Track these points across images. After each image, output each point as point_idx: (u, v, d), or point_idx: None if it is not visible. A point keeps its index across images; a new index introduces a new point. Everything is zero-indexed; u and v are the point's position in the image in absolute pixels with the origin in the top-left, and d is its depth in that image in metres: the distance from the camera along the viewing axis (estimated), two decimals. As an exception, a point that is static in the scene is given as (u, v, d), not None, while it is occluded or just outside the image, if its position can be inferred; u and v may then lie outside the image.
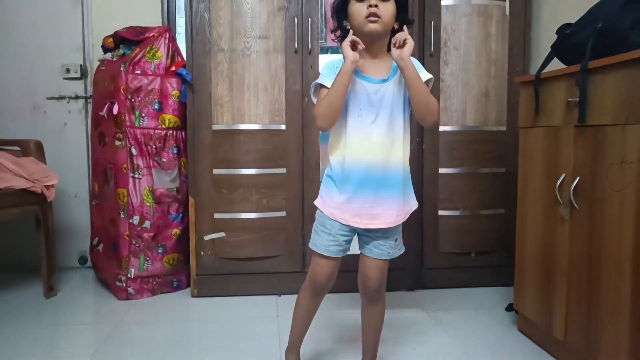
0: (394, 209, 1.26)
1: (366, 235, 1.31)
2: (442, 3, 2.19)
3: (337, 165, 1.26)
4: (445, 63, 2.21)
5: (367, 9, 1.18)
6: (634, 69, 1.20)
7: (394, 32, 1.24)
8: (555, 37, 1.64)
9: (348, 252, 1.33)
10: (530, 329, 1.74)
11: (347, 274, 1.40)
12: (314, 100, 1.30)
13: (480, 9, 2.19)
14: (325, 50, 2.25)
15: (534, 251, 1.67)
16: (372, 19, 1.18)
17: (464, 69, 2.21)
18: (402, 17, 1.25)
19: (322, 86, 1.25)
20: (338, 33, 1.31)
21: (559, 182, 1.47)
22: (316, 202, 1.32)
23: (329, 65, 1.27)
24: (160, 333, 1.83)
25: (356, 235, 1.33)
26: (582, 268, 1.41)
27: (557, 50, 1.58)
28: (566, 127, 1.46)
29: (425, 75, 1.25)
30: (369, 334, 1.42)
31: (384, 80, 1.24)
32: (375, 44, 1.25)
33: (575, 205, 1.41)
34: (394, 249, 1.32)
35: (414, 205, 1.32)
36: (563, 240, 1.49)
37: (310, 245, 1.32)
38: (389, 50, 1.26)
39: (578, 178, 1.40)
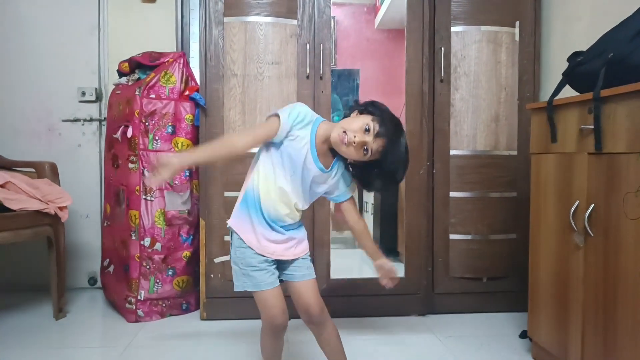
0: (298, 246, 1.38)
1: (284, 265, 1.36)
2: (452, 30, 2.23)
3: (265, 199, 1.30)
4: (455, 88, 2.23)
5: (352, 133, 1.22)
6: (648, 98, 1.20)
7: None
8: (564, 64, 1.66)
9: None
10: (545, 357, 1.71)
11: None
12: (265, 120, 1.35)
13: (490, 36, 2.22)
14: (335, 75, 2.29)
15: (547, 278, 1.65)
16: (344, 141, 1.23)
17: (474, 94, 2.23)
18: (361, 174, 1.35)
19: (276, 116, 1.29)
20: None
21: (572, 209, 1.47)
22: (231, 223, 1.37)
23: (304, 113, 1.30)
24: (169, 357, 1.81)
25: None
26: (598, 297, 1.39)
27: (569, 78, 1.59)
28: (579, 155, 1.46)
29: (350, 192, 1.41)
30: (336, 357, 1.42)
31: (324, 171, 1.32)
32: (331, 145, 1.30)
33: (590, 233, 1.40)
34: (311, 269, 1.39)
35: (307, 245, 1.43)
36: (578, 268, 1.48)
37: (246, 289, 1.33)
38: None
39: (592, 205, 1.39)
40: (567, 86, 1.63)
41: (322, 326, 1.38)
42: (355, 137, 1.22)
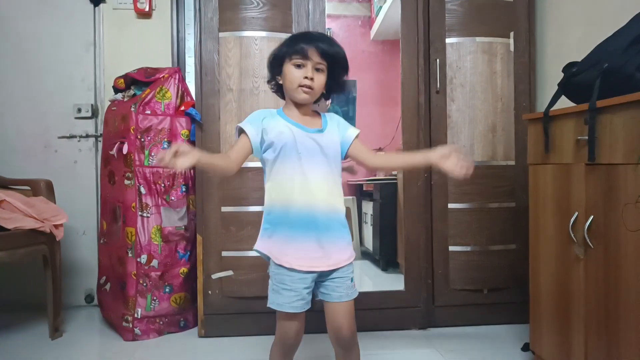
0: (334, 252, 1.28)
1: (321, 281, 1.30)
2: (447, 41, 2.23)
3: (279, 207, 1.28)
4: (451, 99, 2.22)
5: (303, 79, 1.26)
6: (644, 108, 1.20)
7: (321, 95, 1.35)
8: (560, 74, 1.66)
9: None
10: (548, 371, 1.68)
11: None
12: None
13: (485, 47, 2.23)
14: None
15: (548, 291, 1.63)
16: (305, 89, 1.27)
17: (470, 105, 2.22)
18: (329, 84, 1.33)
19: (242, 130, 1.31)
20: (273, 83, 1.38)
21: (572, 220, 1.45)
22: (257, 247, 1.33)
23: (256, 114, 1.34)
24: (166, 377, 1.79)
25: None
26: (600, 309, 1.37)
27: (564, 89, 1.58)
28: (577, 165, 1.45)
29: (354, 130, 1.35)
30: None
31: (320, 131, 1.31)
32: (303, 107, 1.33)
33: (590, 244, 1.39)
34: (351, 289, 1.31)
35: (351, 253, 1.33)
36: (579, 280, 1.46)
37: (271, 305, 1.29)
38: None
39: (592, 217, 1.38)
40: (564, 96, 1.62)
41: (350, 351, 1.34)
42: (304, 77, 1.25)
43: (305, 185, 1.26)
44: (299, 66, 1.27)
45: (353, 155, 1.37)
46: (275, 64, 1.33)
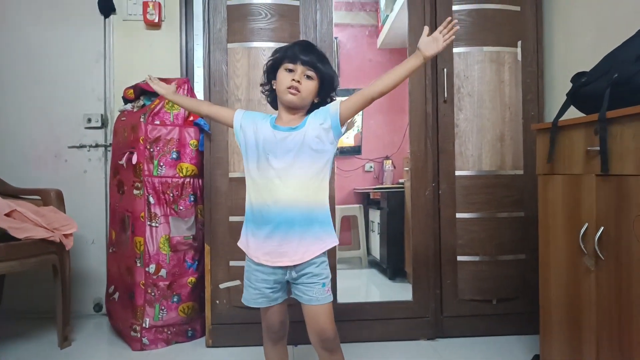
0: (301, 246, 1.32)
1: (293, 283, 1.37)
2: (454, 50, 2.23)
3: (248, 206, 1.39)
4: (459, 109, 2.22)
5: (291, 81, 1.33)
6: (654, 119, 1.19)
7: (314, 105, 1.40)
8: (568, 82, 1.65)
9: (286, 298, 1.43)
10: (559, 384, 1.66)
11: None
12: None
13: (493, 56, 2.23)
14: (340, 94, 2.30)
15: (559, 302, 1.61)
16: (291, 91, 1.33)
17: (478, 114, 2.22)
18: (323, 94, 1.38)
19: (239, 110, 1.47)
20: (267, 87, 1.46)
21: (582, 231, 1.44)
22: (239, 243, 1.43)
23: (259, 114, 1.46)
24: (174, 387, 1.78)
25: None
26: (612, 320, 1.36)
27: (573, 99, 1.58)
28: (587, 176, 1.44)
29: (335, 103, 1.38)
30: None
31: (292, 129, 1.35)
32: (292, 111, 1.38)
33: (601, 256, 1.37)
34: (323, 294, 1.35)
35: (328, 243, 1.36)
36: (589, 292, 1.44)
37: (242, 300, 1.42)
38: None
39: (602, 228, 1.37)
40: (573, 106, 1.62)
41: (334, 353, 1.37)
42: (292, 79, 1.32)
43: (269, 184, 1.33)
44: (289, 70, 1.34)
45: (349, 111, 1.35)
46: (271, 70, 1.42)
